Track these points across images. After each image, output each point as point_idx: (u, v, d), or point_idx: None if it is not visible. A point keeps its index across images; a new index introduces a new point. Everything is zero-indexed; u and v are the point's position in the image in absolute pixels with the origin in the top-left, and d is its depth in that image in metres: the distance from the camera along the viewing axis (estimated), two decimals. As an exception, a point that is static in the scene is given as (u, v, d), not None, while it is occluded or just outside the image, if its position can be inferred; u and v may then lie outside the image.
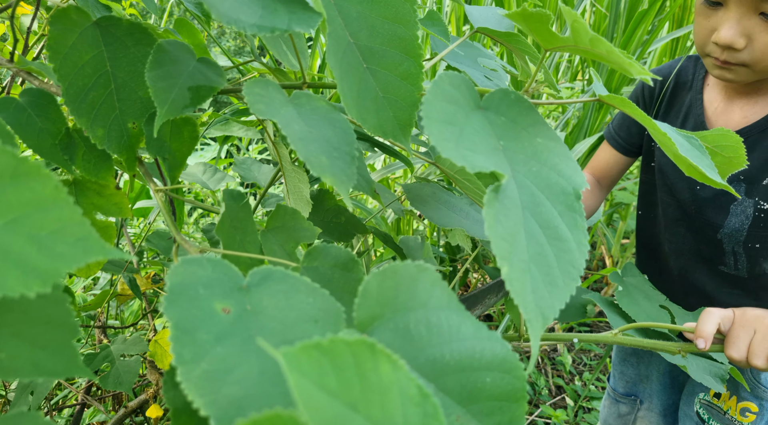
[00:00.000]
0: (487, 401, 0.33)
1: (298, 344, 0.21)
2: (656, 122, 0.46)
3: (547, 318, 0.33)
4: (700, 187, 1.00)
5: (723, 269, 1.03)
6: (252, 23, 0.38)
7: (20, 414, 0.29)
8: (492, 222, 0.34)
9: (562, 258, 0.36)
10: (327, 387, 0.21)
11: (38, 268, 0.25)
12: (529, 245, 0.35)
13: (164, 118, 0.45)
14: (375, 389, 0.22)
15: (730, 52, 0.85)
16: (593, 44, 0.42)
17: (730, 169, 0.56)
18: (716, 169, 0.50)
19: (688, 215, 1.04)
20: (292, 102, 0.43)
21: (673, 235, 1.09)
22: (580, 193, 0.39)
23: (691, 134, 0.52)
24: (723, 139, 0.54)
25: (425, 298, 0.34)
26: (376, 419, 0.21)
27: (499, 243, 0.33)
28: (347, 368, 0.22)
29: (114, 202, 0.62)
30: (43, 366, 0.33)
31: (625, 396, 1.29)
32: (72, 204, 0.27)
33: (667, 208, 1.09)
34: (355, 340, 0.22)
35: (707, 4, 0.86)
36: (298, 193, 0.75)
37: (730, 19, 0.83)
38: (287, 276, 0.34)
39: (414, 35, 0.43)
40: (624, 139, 1.16)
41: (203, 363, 0.28)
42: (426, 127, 0.36)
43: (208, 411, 0.27)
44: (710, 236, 1.01)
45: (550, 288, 0.34)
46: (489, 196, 0.35)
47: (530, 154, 0.40)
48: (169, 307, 0.29)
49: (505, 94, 0.43)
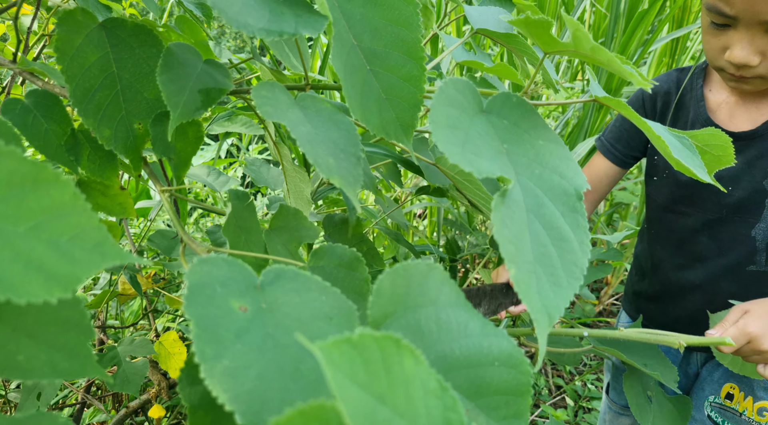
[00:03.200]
0: (494, 395, 0.34)
1: (331, 339, 0.22)
2: (650, 123, 0.47)
3: (552, 318, 0.34)
4: (732, 187, 0.98)
5: (752, 268, 1.02)
6: (260, 27, 0.39)
7: (40, 414, 0.30)
8: (499, 226, 0.34)
9: (566, 258, 0.36)
10: (357, 380, 0.22)
11: (59, 274, 0.26)
12: (534, 247, 0.36)
13: (178, 121, 0.45)
14: (400, 382, 0.23)
15: (746, 69, 0.84)
16: (594, 52, 0.43)
17: (717, 166, 0.58)
18: (705, 168, 0.51)
19: (712, 223, 1.02)
20: (298, 104, 0.44)
21: (692, 248, 1.07)
22: (581, 193, 0.40)
23: (683, 134, 0.53)
24: (712, 139, 0.56)
25: (435, 296, 0.35)
26: (402, 411, 0.22)
27: (507, 247, 0.34)
28: (375, 361, 0.23)
29: (118, 202, 0.63)
30: (60, 366, 0.34)
31: (626, 408, 1.25)
32: (89, 210, 0.28)
33: (683, 221, 1.06)
34: (381, 336, 0.23)
35: (715, 26, 0.84)
36: (299, 192, 0.75)
37: (741, 39, 0.82)
38: (298, 274, 0.35)
39: (416, 38, 0.44)
40: (621, 152, 1.14)
41: (225, 359, 0.29)
42: (432, 131, 0.37)
43: (233, 407, 0.27)
44: (742, 237, 1.00)
45: (555, 289, 0.35)
46: (496, 201, 0.36)
47: (533, 157, 0.41)
48: (190, 305, 0.30)
49: (507, 97, 0.43)
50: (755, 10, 0.78)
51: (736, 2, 0.79)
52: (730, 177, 0.98)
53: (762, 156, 0.96)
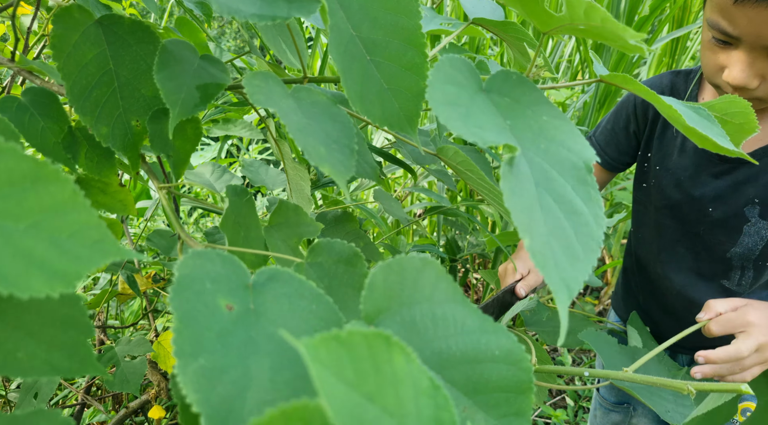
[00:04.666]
0: (493, 392, 0.33)
1: (318, 335, 0.22)
2: (661, 96, 0.46)
3: (572, 290, 0.33)
4: (712, 208, 0.97)
5: (725, 284, 1.02)
6: (252, 12, 0.38)
7: (40, 412, 0.30)
8: (509, 195, 0.33)
9: (580, 231, 0.35)
10: (345, 378, 0.21)
11: (60, 270, 0.26)
12: (547, 219, 0.34)
13: (177, 118, 0.45)
14: (389, 380, 0.22)
15: (743, 91, 0.81)
16: (588, 14, 0.41)
17: (742, 136, 0.54)
18: (728, 137, 0.49)
19: (691, 236, 1.02)
20: (293, 95, 0.43)
21: (671, 256, 1.07)
22: (591, 166, 0.39)
23: (698, 105, 0.51)
24: (731, 106, 0.52)
25: (430, 291, 0.35)
26: (391, 410, 0.22)
27: (519, 216, 0.33)
28: (363, 359, 0.22)
29: (119, 199, 0.62)
30: (59, 365, 0.34)
31: (617, 405, 1.27)
32: (89, 207, 0.28)
33: (664, 230, 1.06)
34: (371, 333, 0.23)
35: (716, 42, 0.81)
36: (300, 189, 0.75)
37: (741, 61, 0.78)
38: (293, 278, 0.34)
39: (417, 24, 0.43)
40: (612, 157, 1.12)
41: (201, 358, 0.28)
42: (434, 108, 0.36)
43: (201, 409, 0.27)
44: (718, 255, 1.00)
45: (572, 261, 0.34)
46: (504, 169, 0.34)
47: (537, 132, 0.39)
48: (175, 298, 0.29)
49: (507, 75, 0.42)
50: (759, 34, 0.74)
51: (740, 23, 0.75)
52: (712, 196, 0.97)
53: (748, 181, 0.94)
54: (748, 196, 0.94)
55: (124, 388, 0.88)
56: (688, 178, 1.00)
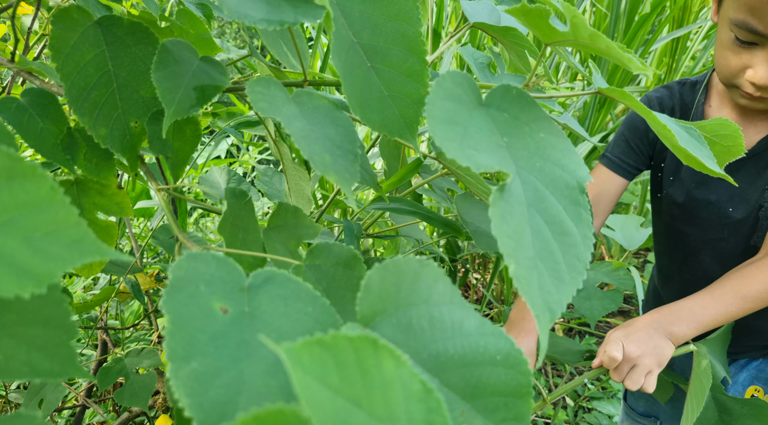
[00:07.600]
0: (492, 396, 0.33)
1: (300, 340, 0.21)
2: (656, 114, 0.46)
3: (554, 313, 0.33)
4: (732, 209, 0.97)
5: None
6: (260, 17, 0.39)
7: (17, 416, 0.29)
8: (498, 221, 0.34)
9: (568, 252, 0.36)
10: (329, 384, 0.21)
11: (32, 270, 0.25)
12: (535, 241, 0.35)
13: (172, 118, 0.45)
14: (377, 385, 0.22)
15: (766, 90, 0.82)
16: (592, 39, 0.42)
17: (728, 157, 0.56)
18: (715, 159, 0.50)
19: (715, 242, 1.01)
20: (294, 100, 0.43)
21: (695, 263, 1.05)
22: (584, 186, 0.39)
23: (690, 124, 0.52)
24: (721, 129, 0.54)
25: (427, 293, 0.34)
26: (380, 415, 0.21)
27: (506, 242, 0.33)
28: (349, 364, 0.22)
29: (116, 201, 0.62)
30: (39, 367, 0.32)
31: (645, 417, 1.24)
32: (68, 205, 0.27)
33: (685, 238, 1.05)
34: (357, 336, 0.22)
35: (739, 42, 0.81)
36: (300, 191, 0.75)
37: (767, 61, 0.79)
38: (289, 280, 0.34)
39: (417, 32, 0.43)
40: (633, 166, 1.09)
41: (194, 362, 0.28)
42: (430, 127, 0.36)
43: (193, 414, 0.26)
44: (741, 248, 0.99)
45: (557, 284, 0.34)
46: (494, 196, 0.35)
47: (533, 150, 0.40)
48: (168, 301, 0.29)
49: (507, 90, 0.43)
50: None
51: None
52: (728, 196, 0.97)
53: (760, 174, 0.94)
54: (763, 186, 0.94)
55: (133, 403, 0.86)
56: (701, 184, 1.00)
